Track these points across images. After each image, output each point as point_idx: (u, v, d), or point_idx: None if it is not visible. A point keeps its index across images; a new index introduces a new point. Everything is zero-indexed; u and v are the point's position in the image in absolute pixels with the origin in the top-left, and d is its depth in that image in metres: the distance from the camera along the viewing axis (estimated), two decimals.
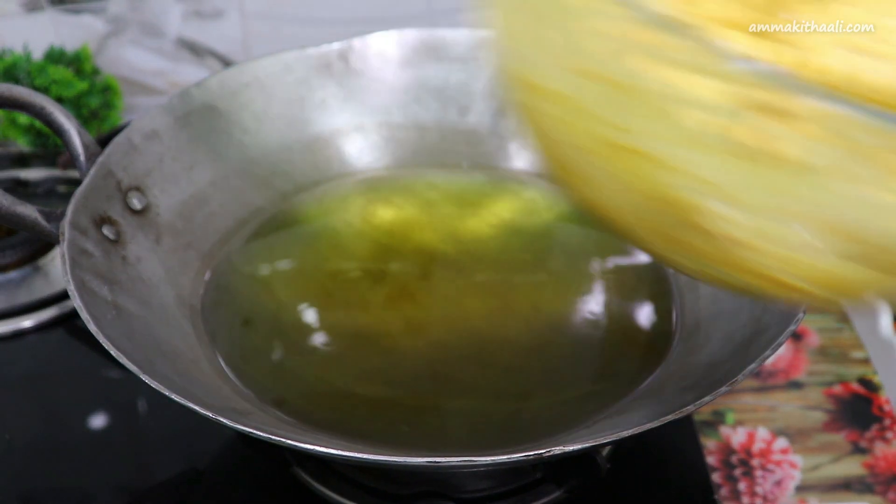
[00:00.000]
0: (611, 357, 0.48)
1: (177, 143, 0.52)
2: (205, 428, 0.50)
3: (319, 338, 0.48)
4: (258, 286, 0.51)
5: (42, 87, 0.76)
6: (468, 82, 0.60)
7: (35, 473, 0.49)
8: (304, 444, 0.35)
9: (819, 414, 0.58)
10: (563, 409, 0.45)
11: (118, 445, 0.51)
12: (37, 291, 0.59)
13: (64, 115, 0.47)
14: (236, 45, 0.85)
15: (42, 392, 0.54)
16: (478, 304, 0.49)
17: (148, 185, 0.50)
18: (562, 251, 0.54)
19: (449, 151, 0.60)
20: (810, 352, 0.62)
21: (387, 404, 0.45)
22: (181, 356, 0.44)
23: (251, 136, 0.56)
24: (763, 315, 0.43)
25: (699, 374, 0.44)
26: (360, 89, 0.59)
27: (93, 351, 0.55)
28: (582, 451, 0.36)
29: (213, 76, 0.55)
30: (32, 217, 0.44)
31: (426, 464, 0.35)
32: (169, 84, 0.87)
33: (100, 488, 0.49)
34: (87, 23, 0.83)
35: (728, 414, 0.58)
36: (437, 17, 0.84)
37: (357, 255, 0.53)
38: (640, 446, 0.50)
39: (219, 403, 0.42)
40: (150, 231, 0.49)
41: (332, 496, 0.47)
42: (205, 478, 0.49)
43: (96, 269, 0.44)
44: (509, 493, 0.47)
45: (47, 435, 0.51)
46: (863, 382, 0.59)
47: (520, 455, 0.36)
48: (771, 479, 0.54)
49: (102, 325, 0.39)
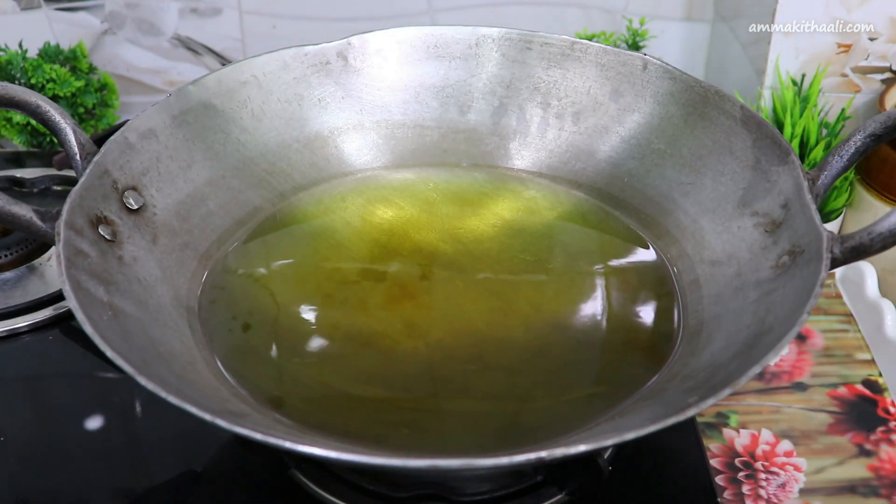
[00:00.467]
0: (612, 358, 0.48)
1: (174, 141, 0.52)
2: (202, 430, 0.49)
3: (318, 339, 0.48)
4: (256, 287, 0.51)
5: (37, 86, 0.76)
6: (468, 81, 0.60)
7: (31, 476, 0.49)
8: (302, 447, 0.35)
9: (823, 416, 0.57)
10: (564, 411, 0.44)
11: (114, 447, 0.50)
12: (32, 292, 0.59)
13: (59, 113, 0.47)
14: (234, 43, 0.85)
15: (38, 394, 0.54)
16: (478, 305, 0.49)
17: (144, 185, 0.50)
18: (563, 251, 0.54)
19: (449, 150, 0.60)
20: (815, 353, 0.61)
21: (386, 406, 0.45)
22: (178, 357, 0.44)
23: (249, 134, 0.56)
24: (767, 316, 0.43)
25: (702, 376, 0.43)
26: (359, 88, 0.59)
27: (89, 352, 0.55)
28: (583, 453, 0.35)
29: (210, 74, 0.54)
30: (27, 217, 0.44)
31: (426, 466, 0.35)
32: (166, 82, 0.87)
33: (96, 491, 0.48)
34: (83, 20, 0.83)
35: (731, 416, 0.57)
36: (436, 15, 0.83)
37: (356, 256, 0.53)
38: (642, 449, 0.49)
39: (216, 405, 0.41)
40: (146, 231, 0.48)
41: (331, 499, 0.47)
42: (202, 480, 0.49)
43: (92, 270, 0.43)
44: (510, 496, 0.47)
45: (43, 437, 0.51)
46: (868, 384, 0.59)
47: (521, 457, 0.35)
48: (775, 481, 0.53)
49: (98, 326, 0.39)
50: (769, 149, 0.49)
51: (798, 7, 0.70)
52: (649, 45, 0.83)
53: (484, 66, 0.59)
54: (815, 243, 0.42)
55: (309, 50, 0.57)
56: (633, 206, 0.55)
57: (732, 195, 0.50)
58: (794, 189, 0.46)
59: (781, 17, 0.71)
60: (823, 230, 0.42)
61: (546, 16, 0.84)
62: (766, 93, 0.74)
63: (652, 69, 0.55)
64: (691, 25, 0.84)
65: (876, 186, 0.71)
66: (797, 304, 0.40)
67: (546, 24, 0.83)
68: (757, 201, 0.49)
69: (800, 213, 0.45)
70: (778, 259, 0.45)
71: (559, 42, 0.58)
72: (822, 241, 0.42)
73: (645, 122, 0.56)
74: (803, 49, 0.72)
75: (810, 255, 0.43)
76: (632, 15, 0.83)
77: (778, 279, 0.44)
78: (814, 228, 0.43)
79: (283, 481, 0.47)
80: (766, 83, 0.74)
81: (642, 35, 0.82)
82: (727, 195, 0.51)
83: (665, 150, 0.55)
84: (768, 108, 0.74)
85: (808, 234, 0.44)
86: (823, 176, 0.45)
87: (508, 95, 0.59)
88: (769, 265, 0.46)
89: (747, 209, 0.49)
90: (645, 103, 0.56)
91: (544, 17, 0.84)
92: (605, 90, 0.57)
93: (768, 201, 0.48)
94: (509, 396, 0.45)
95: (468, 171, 0.59)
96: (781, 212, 0.47)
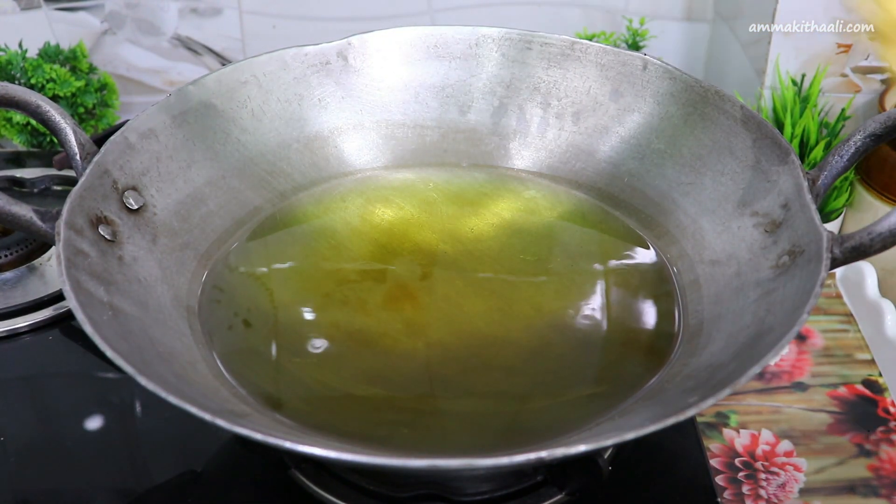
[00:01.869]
0: (612, 358, 0.48)
1: (174, 141, 0.52)
2: (202, 430, 0.49)
3: (318, 339, 0.48)
4: (256, 287, 0.51)
5: (37, 86, 0.76)
6: (468, 81, 0.60)
7: (31, 476, 0.49)
8: (302, 447, 0.35)
9: (823, 416, 0.57)
10: (564, 411, 0.44)
11: (114, 447, 0.50)
12: (32, 292, 0.59)
13: (60, 113, 0.47)
14: (234, 43, 0.85)
15: (38, 394, 0.54)
16: (478, 305, 0.49)
17: (145, 185, 0.50)
18: (563, 251, 0.54)
19: (449, 150, 0.60)
20: (814, 353, 0.61)
21: (386, 406, 0.45)
22: (178, 357, 0.44)
23: (249, 134, 0.56)
24: (766, 316, 0.43)
25: (702, 376, 0.43)
26: (359, 88, 0.59)
27: (89, 352, 0.55)
28: (583, 453, 0.35)
29: (210, 74, 0.54)
30: (28, 217, 0.44)
31: (426, 467, 0.35)
32: (166, 82, 0.87)
33: (96, 490, 0.48)
34: (83, 20, 0.83)
35: (731, 416, 0.57)
36: (436, 15, 0.83)
37: (356, 256, 0.53)
38: (642, 449, 0.49)
39: (216, 405, 0.41)
40: (146, 231, 0.48)
41: (331, 499, 0.47)
42: (202, 480, 0.48)
43: (92, 270, 0.43)
44: (510, 496, 0.47)
45: (43, 437, 0.51)
46: (868, 384, 0.59)
47: (521, 457, 0.35)
48: (775, 481, 0.53)
49: (98, 326, 0.39)
50: (769, 149, 0.49)
51: (798, 7, 0.70)
52: (649, 45, 0.83)
53: (484, 66, 0.59)
54: (815, 243, 0.42)
55: (309, 50, 0.57)
56: (633, 206, 0.55)
57: (732, 195, 0.50)
58: (794, 189, 0.46)
59: (781, 17, 0.71)
60: (823, 230, 0.42)
61: (546, 16, 0.84)
62: (766, 93, 0.74)
63: (652, 69, 0.55)
64: (691, 25, 0.84)
65: (876, 186, 0.71)
66: (797, 304, 0.40)
67: (546, 24, 0.83)
68: (757, 201, 0.49)
69: (800, 213, 0.45)
70: (778, 259, 0.45)
71: (559, 42, 0.58)
72: (822, 241, 0.42)
73: (645, 122, 0.56)
74: (803, 49, 0.72)
75: (810, 255, 0.43)
76: (632, 15, 0.83)
77: (778, 279, 0.44)
78: (814, 228, 0.43)
79: (283, 481, 0.47)
80: (766, 83, 0.74)
81: (642, 35, 0.82)
82: (727, 195, 0.51)
83: (665, 150, 0.55)
84: (768, 107, 0.74)
85: (808, 234, 0.44)
86: (823, 176, 0.45)
87: (508, 95, 0.59)
88: (769, 265, 0.46)
89: (747, 209, 0.49)
90: (645, 103, 0.56)
91: (544, 17, 0.84)
92: (605, 90, 0.57)
93: (768, 201, 0.48)
94: (509, 396, 0.45)
95: (468, 171, 0.59)
96: (781, 212, 0.47)
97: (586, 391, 0.46)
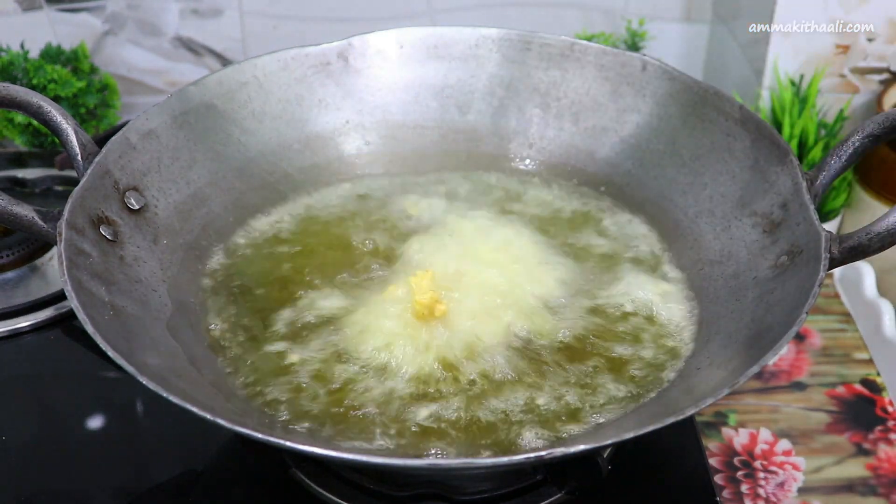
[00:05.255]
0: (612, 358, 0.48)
1: (175, 142, 0.52)
2: (203, 429, 0.49)
3: (318, 338, 0.48)
4: (257, 287, 0.51)
5: (39, 86, 0.76)
6: (468, 81, 0.60)
7: (32, 475, 0.49)
8: (303, 446, 0.35)
9: (822, 415, 0.57)
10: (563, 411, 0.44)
11: (115, 447, 0.50)
12: (34, 292, 0.59)
13: (61, 114, 0.47)
14: (235, 44, 0.85)
15: (39, 393, 0.54)
16: (479, 304, 0.49)
17: (146, 185, 0.50)
18: (563, 251, 0.54)
19: (449, 151, 0.60)
20: (813, 353, 0.62)
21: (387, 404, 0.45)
22: (179, 357, 0.44)
23: (250, 135, 0.56)
24: (765, 315, 0.43)
25: (701, 376, 0.43)
26: (360, 88, 0.59)
27: (90, 352, 0.55)
28: (583, 452, 0.36)
29: (211, 75, 0.55)
30: (29, 217, 0.44)
31: (426, 466, 0.35)
32: (167, 83, 0.87)
33: (97, 490, 0.48)
34: (84, 21, 0.83)
35: (730, 415, 0.57)
36: (436, 15, 0.84)
37: (357, 256, 0.53)
38: (641, 448, 0.49)
39: (217, 405, 0.41)
40: (147, 231, 0.49)
41: (331, 498, 0.47)
42: (203, 479, 0.49)
43: (93, 270, 0.43)
44: (510, 495, 0.47)
45: (44, 436, 0.51)
46: (866, 384, 0.59)
47: (521, 457, 0.35)
48: (773, 480, 0.53)
49: (100, 325, 0.39)
50: (768, 149, 0.49)
51: (797, 7, 0.70)
52: (648, 45, 0.83)
53: (484, 66, 0.59)
54: (814, 243, 0.42)
55: (310, 51, 0.58)
56: (633, 205, 0.56)
57: (731, 195, 0.50)
58: (793, 189, 0.46)
59: (780, 18, 0.71)
60: (822, 230, 0.42)
61: (546, 16, 0.84)
62: (764, 93, 0.74)
63: (651, 70, 0.55)
64: (690, 26, 0.85)
65: (874, 186, 0.71)
66: (796, 304, 0.40)
67: (546, 25, 0.83)
68: (755, 201, 0.49)
69: (798, 213, 0.45)
70: (777, 259, 0.46)
71: (559, 43, 0.58)
72: (821, 241, 0.42)
73: (644, 123, 0.56)
74: (802, 49, 0.72)
75: (809, 255, 0.43)
76: (631, 16, 0.83)
77: (776, 279, 0.44)
78: (812, 228, 0.43)
79: (284, 480, 0.47)
80: (764, 84, 0.74)
81: (641, 36, 0.83)
82: (726, 195, 0.51)
83: (664, 150, 0.55)
84: (767, 108, 0.74)
85: (806, 235, 0.44)
86: (822, 176, 0.46)
87: (508, 96, 0.59)
88: (768, 265, 0.46)
89: (746, 209, 0.49)
90: (644, 104, 0.56)
91: (544, 17, 0.84)
92: (605, 91, 0.57)
93: (767, 201, 0.48)
94: (516, 393, 0.45)
95: (468, 171, 0.59)
96: (780, 212, 0.47)
97: (586, 391, 0.46)
